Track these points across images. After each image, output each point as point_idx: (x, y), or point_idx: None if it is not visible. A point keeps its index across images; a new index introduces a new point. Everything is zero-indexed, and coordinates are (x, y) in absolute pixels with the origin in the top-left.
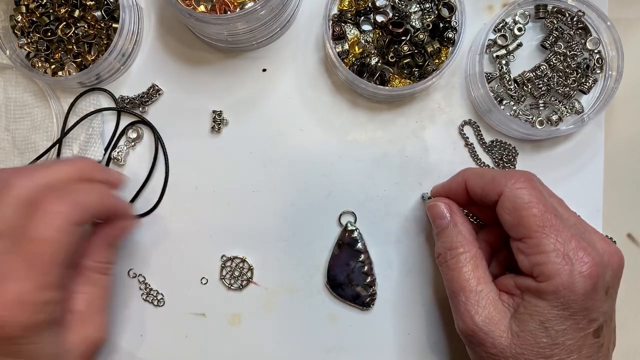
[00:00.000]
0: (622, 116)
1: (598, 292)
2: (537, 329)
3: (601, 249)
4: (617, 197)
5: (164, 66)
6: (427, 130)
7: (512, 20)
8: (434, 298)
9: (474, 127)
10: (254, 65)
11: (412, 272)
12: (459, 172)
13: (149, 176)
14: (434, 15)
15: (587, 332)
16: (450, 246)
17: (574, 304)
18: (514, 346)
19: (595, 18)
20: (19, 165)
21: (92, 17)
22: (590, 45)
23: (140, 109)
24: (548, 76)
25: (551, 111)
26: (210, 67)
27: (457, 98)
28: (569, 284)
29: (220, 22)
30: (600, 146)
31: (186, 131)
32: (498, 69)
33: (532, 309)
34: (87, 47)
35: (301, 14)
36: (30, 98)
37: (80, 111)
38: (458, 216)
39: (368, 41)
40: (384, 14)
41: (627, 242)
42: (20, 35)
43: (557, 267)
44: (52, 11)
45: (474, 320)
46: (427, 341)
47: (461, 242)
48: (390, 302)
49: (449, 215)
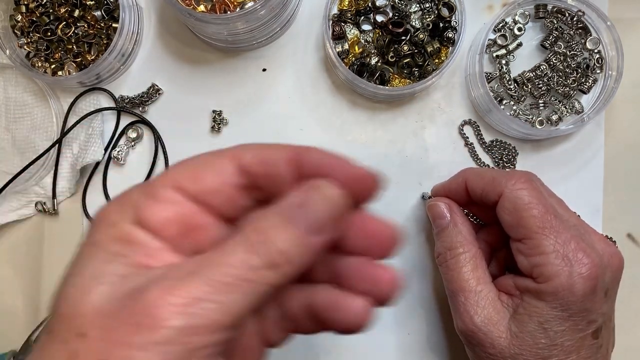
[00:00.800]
0: (622, 116)
1: (597, 293)
2: (536, 330)
3: (601, 250)
4: (617, 197)
5: (164, 66)
6: (427, 130)
7: (512, 20)
8: (434, 298)
9: (474, 127)
10: (254, 65)
11: (412, 272)
12: (459, 171)
13: (148, 176)
14: (433, 15)
15: (586, 333)
16: (450, 246)
17: (573, 306)
18: (513, 347)
19: (595, 18)
20: (18, 164)
21: (92, 17)
22: (590, 45)
23: (140, 108)
24: (548, 76)
25: (551, 111)
26: (210, 67)
27: (457, 98)
28: (568, 286)
29: (220, 22)
30: (600, 146)
31: (186, 131)
32: (498, 69)
33: (531, 309)
34: (87, 46)
35: (301, 13)
36: (30, 98)
37: (80, 111)
38: (458, 216)
39: (368, 41)
40: (384, 13)
41: (627, 242)
42: (20, 35)
43: (557, 268)
44: (52, 11)
45: (473, 320)
46: (427, 341)
47: (461, 242)
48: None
49: (449, 215)
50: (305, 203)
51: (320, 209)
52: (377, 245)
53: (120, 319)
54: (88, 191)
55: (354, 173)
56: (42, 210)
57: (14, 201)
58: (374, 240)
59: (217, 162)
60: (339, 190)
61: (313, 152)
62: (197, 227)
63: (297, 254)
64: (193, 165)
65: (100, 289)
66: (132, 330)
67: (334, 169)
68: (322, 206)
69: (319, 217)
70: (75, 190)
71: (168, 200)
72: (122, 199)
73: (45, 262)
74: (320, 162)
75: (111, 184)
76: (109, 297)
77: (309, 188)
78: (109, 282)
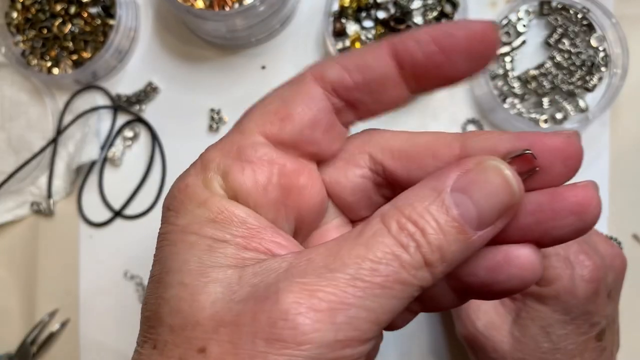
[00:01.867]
0: (627, 114)
1: (600, 296)
2: (539, 334)
3: (603, 252)
4: (622, 196)
5: (161, 64)
6: (430, 128)
7: (516, 17)
8: None
9: (478, 126)
10: (253, 62)
11: None
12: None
13: (145, 176)
14: (436, 11)
15: (589, 336)
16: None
17: (575, 309)
18: (516, 351)
19: (600, 15)
20: (13, 164)
21: (88, 14)
22: (595, 43)
23: (137, 107)
24: (552, 74)
25: (555, 109)
26: (208, 65)
27: (461, 96)
28: (570, 289)
29: (218, 19)
30: (605, 145)
31: (184, 130)
32: (502, 67)
33: (533, 313)
34: (83, 44)
35: (301, 10)
36: (25, 96)
37: (76, 109)
38: None
39: (369, 38)
40: (385, 10)
41: (632, 243)
42: (15, 32)
43: (558, 271)
44: (48, 8)
45: (475, 325)
46: (428, 345)
47: None
48: None
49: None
50: (469, 189)
51: (489, 198)
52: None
53: (249, 328)
54: (84, 191)
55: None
56: (38, 210)
57: (9, 201)
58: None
59: (300, 90)
60: (513, 171)
61: (414, 32)
62: (296, 188)
63: (455, 251)
64: (274, 106)
65: (212, 288)
66: (267, 344)
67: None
68: (492, 194)
69: (489, 208)
70: (71, 190)
71: (262, 158)
72: (205, 165)
73: (40, 262)
74: (427, 37)
75: (107, 183)
76: (226, 298)
77: (472, 166)
78: (220, 278)
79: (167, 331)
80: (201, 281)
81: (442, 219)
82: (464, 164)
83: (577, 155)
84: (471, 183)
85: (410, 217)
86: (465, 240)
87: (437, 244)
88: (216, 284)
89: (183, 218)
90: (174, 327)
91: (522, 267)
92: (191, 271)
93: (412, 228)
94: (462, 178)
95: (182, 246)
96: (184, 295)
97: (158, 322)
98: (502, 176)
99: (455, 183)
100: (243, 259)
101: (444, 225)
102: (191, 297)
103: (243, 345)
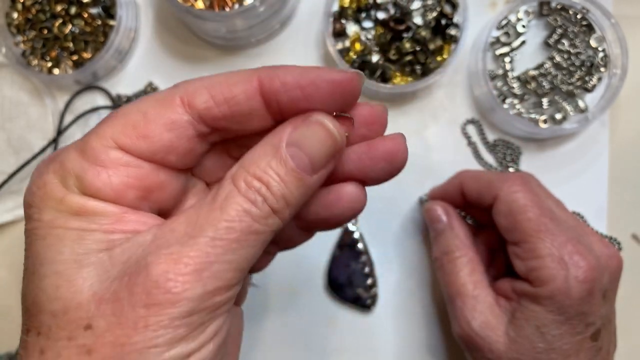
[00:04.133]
0: (626, 115)
1: (594, 296)
2: (534, 334)
3: (598, 252)
4: (622, 196)
5: (162, 64)
6: (429, 129)
7: (516, 18)
8: (434, 300)
9: (477, 126)
10: (253, 62)
11: (413, 273)
12: (456, 174)
13: None
14: (436, 12)
15: (584, 336)
16: (446, 250)
17: (569, 309)
18: (511, 351)
19: (600, 15)
20: (13, 164)
21: (89, 14)
22: (594, 43)
23: None
24: (552, 74)
25: (555, 110)
26: (208, 65)
27: (460, 96)
28: (565, 289)
29: (218, 19)
30: (604, 145)
31: None
32: (501, 67)
33: (528, 313)
34: (83, 44)
35: (301, 10)
36: (25, 96)
37: (76, 110)
38: (455, 219)
39: (369, 38)
40: (385, 10)
41: (631, 243)
42: (16, 32)
43: (552, 272)
44: (49, 8)
45: (470, 325)
46: (427, 344)
47: (457, 245)
48: (391, 304)
49: (445, 218)
50: (300, 142)
51: (317, 147)
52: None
53: (127, 300)
54: None
55: (334, 78)
56: None
57: (9, 201)
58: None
59: (165, 113)
60: (334, 122)
61: (281, 73)
62: (155, 186)
63: (297, 196)
64: (134, 120)
65: (87, 273)
66: (147, 309)
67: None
68: (319, 144)
69: (318, 155)
70: None
71: (114, 163)
72: (58, 167)
73: None
74: (293, 83)
75: None
76: (101, 278)
77: (300, 122)
78: (93, 262)
79: (49, 317)
80: (75, 268)
81: (282, 171)
82: (294, 121)
83: (378, 113)
84: (302, 136)
85: (255, 174)
86: (303, 185)
87: (280, 194)
88: (90, 267)
89: (46, 214)
90: (56, 313)
91: (350, 199)
92: (65, 260)
93: (258, 184)
94: (294, 133)
95: (52, 240)
96: (60, 283)
97: (38, 310)
98: (324, 127)
99: (289, 138)
100: (112, 241)
101: (284, 176)
102: (68, 283)
103: (126, 314)
